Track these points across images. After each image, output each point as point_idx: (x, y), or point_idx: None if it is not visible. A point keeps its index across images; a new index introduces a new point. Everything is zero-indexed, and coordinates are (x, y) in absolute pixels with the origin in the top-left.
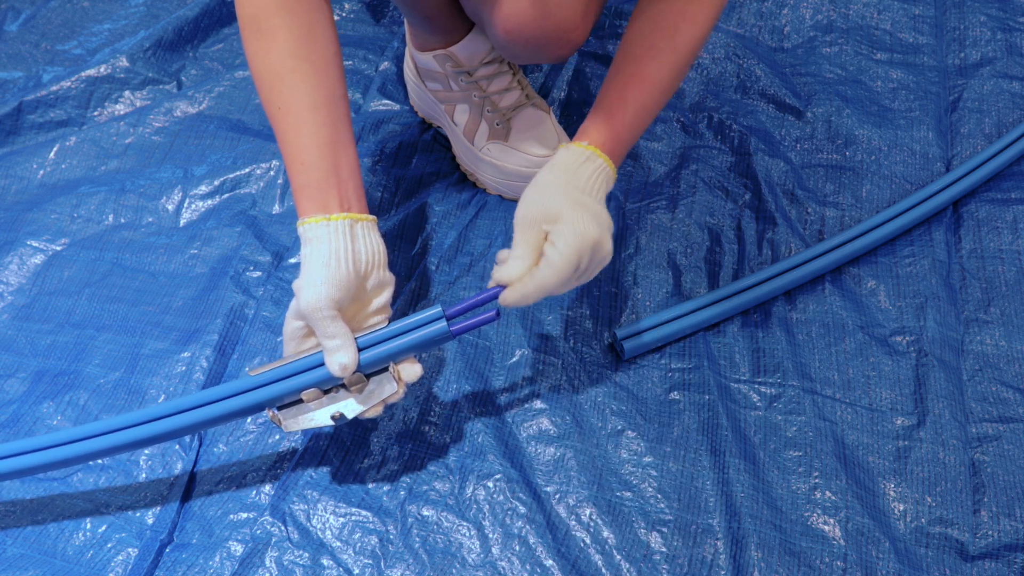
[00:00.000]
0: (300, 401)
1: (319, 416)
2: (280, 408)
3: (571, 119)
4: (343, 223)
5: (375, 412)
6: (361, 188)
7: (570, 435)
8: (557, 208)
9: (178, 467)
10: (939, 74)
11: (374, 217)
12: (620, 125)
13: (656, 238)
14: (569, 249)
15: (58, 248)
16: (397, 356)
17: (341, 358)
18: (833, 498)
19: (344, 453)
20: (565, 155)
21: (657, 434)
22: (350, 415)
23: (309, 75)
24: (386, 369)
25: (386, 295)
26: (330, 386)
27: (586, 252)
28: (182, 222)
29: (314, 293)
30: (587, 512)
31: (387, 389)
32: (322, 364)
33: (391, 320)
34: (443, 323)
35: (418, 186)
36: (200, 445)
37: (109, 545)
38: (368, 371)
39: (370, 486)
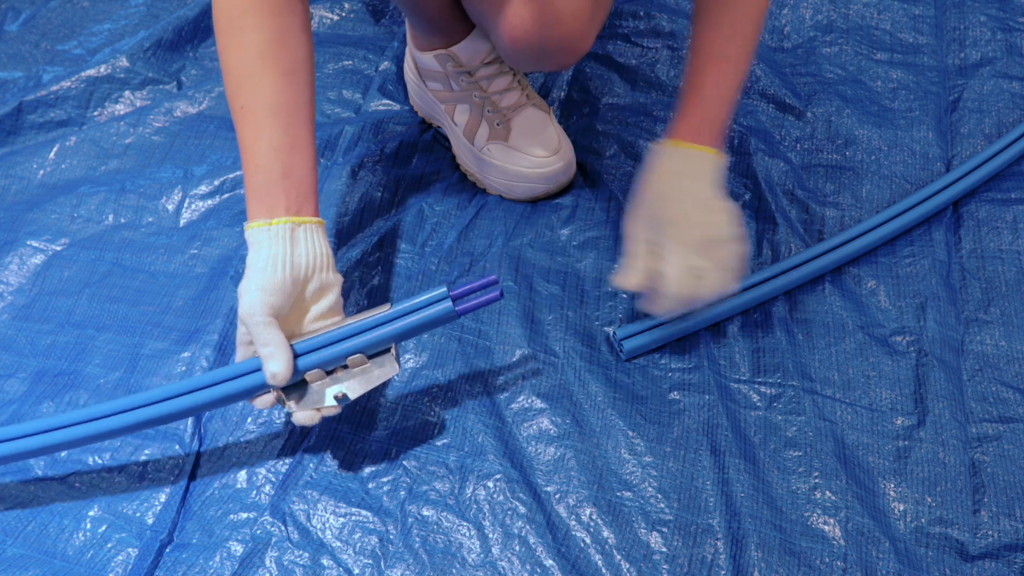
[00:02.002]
0: (304, 383)
1: (323, 397)
2: (285, 389)
3: (571, 119)
4: (284, 227)
5: (374, 388)
6: (314, 192)
7: (570, 435)
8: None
9: (178, 467)
10: (939, 74)
11: (320, 220)
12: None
13: None
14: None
15: (58, 248)
16: (403, 337)
17: (272, 366)
18: (833, 498)
19: (344, 453)
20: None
21: (657, 434)
22: (352, 395)
23: (275, 77)
24: (388, 350)
25: (330, 297)
26: (333, 367)
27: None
28: (182, 222)
29: (249, 299)
30: (587, 512)
31: (389, 369)
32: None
33: (393, 304)
34: (448, 303)
35: (418, 186)
36: (200, 445)
37: (109, 545)
38: (371, 352)
39: (370, 486)
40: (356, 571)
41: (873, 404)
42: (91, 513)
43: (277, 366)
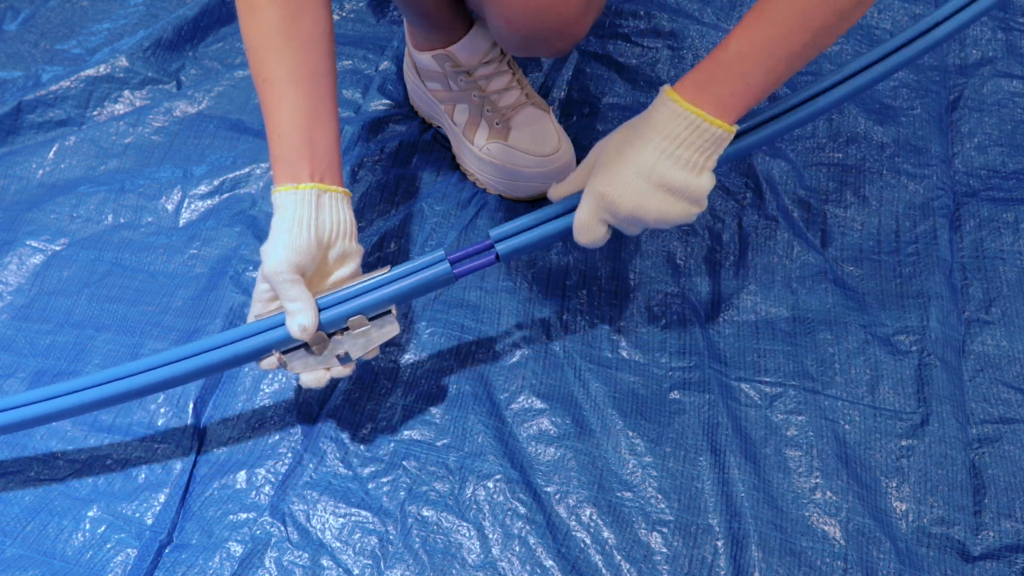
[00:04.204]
0: (306, 345)
1: (325, 358)
2: (286, 352)
3: (571, 119)
4: (310, 192)
5: (375, 353)
6: (338, 163)
7: (570, 435)
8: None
9: (177, 467)
10: (940, 73)
11: (347, 191)
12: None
13: (656, 238)
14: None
15: (57, 248)
16: (404, 298)
17: (301, 320)
18: (834, 498)
19: (344, 453)
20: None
21: (657, 434)
22: (355, 355)
23: (294, 50)
24: (389, 312)
25: (351, 265)
26: (333, 330)
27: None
28: (182, 222)
29: (276, 257)
30: (587, 512)
31: (389, 330)
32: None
33: (392, 268)
34: (446, 265)
35: (418, 186)
36: (200, 445)
37: (108, 545)
38: (372, 314)
39: (370, 486)
40: (356, 571)
41: (875, 404)
42: (90, 514)
43: (306, 319)
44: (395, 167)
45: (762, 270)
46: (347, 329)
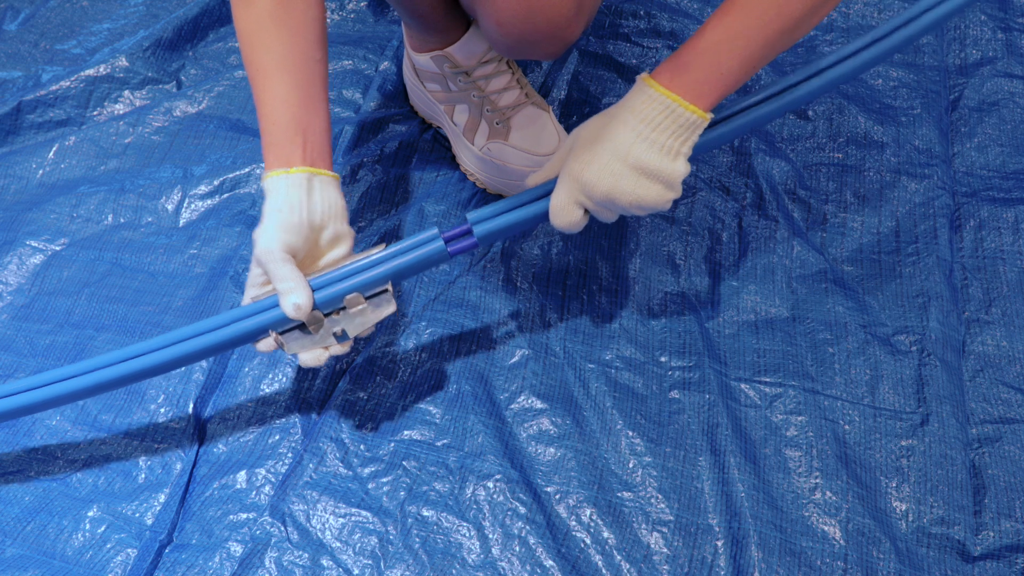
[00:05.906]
0: (303, 326)
1: (322, 336)
2: (283, 332)
3: (571, 119)
4: (301, 176)
5: (371, 330)
6: (328, 148)
7: (570, 435)
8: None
9: (177, 467)
10: (940, 73)
11: (336, 175)
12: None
13: (656, 238)
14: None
15: (57, 248)
16: (401, 275)
17: (294, 298)
18: (834, 498)
19: (344, 453)
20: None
21: (657, 434)
22: (352, 333)
23: (285, 37)
24: (386, 290)
25: (343, 247)
26: (330, 310)
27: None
28: (181, 222)
29: (267, 238)
30: (587, 512)
31: (386, 308)
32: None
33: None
34: (440, 243)
35: (418, 186)
36: (200, 445)
37: (108, 546)
38: (368, 292)
39: (370, 486)
40: (356, 571)
41: (875, 404)
42: (90, 514)
43: (299, 298)
44: (395, 167)
45: (762, 270)
46: (344, 308)
